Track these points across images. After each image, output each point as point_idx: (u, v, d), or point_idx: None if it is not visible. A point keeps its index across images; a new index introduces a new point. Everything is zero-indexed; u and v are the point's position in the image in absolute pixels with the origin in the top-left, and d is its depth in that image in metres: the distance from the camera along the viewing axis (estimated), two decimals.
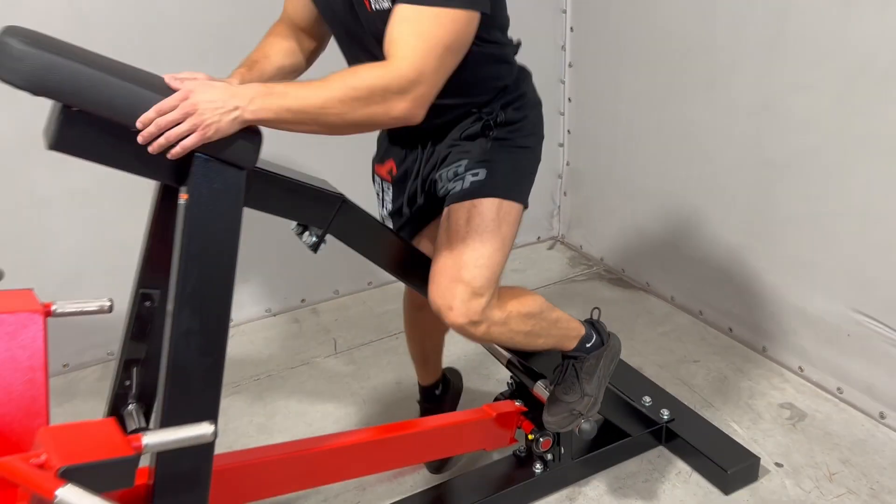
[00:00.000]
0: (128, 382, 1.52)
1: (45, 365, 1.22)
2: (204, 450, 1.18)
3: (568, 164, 3.16)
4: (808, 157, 2.16)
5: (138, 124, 1.13)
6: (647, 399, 2.08)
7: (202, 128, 1.14)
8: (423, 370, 2.01)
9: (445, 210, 1.49)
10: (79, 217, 2.40)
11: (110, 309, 1.37)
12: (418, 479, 1.97)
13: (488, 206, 1.45)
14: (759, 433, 2.09)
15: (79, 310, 1.33)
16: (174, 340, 1.16)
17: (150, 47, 2.28)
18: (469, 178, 1.48)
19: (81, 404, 2.36)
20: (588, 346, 1.67)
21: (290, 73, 1.57)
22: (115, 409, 1.52)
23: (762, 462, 1.96)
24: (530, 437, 1.78)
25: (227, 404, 1.91)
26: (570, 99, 3.07)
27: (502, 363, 1.90)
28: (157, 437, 0.96)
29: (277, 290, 2.79)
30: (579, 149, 3.11)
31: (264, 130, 1.23)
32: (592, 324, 1.72)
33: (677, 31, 2.49)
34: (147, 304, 1.46)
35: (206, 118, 1.14)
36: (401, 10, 1.25)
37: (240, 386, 2.41)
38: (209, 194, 1.18)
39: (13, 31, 1.07)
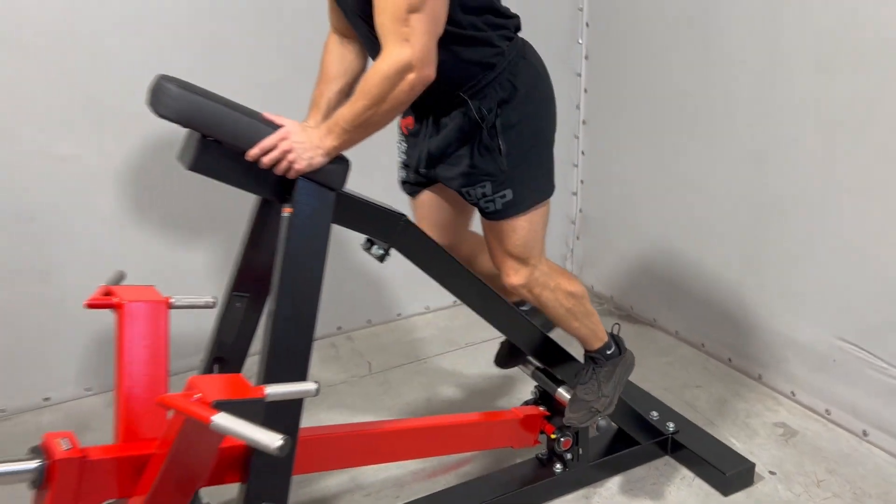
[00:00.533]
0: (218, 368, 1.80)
1: (167, 346, 1.50)
2: (294, 414, 1.44)
3: (580, 211, 3.47)
4: (794, 202, 2.46)
5: (248, 158, 1.45)
6: (655, 414, 2.33)
7: (297, 163, 1.47)
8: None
9: (486, 221, 1.79)
10: (145, 240, 2.69)
11: (214, 305, 1.66)
12: (450, 479, 2.20)
13: (521, 217, 1.76)
14: (755, 446, 2.33)
15: (191, 303, 1.62)
16: (276, 324, 1.44)
17: None
18: (499, 201, 1.73)
19: None
20: (608, 352, 1.95)
21: (352, 81, 1.80)
22: None
23: (757, 470, 2.20)
24: (553, 436, 2.04)
25: None
26: (583, 152, 3.40)
27: (528, 374, 2.17)
28: (276, 389, 1.23)
29: (317, 318, 3.06)
30: (591, 197, 3.42)
31: None
32: (613, 336, 2.00)
33: (680, 94, 2.82)
34: (237, 305, 1.74)
35: (300, 155, 1.46)
36: (377, 4, 1.45)
37: None
38: (308, 209, 1.48)
39: (168, 78, 1.40)
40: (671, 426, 2.28)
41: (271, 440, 1.09)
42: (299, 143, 1.46)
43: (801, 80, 2.37)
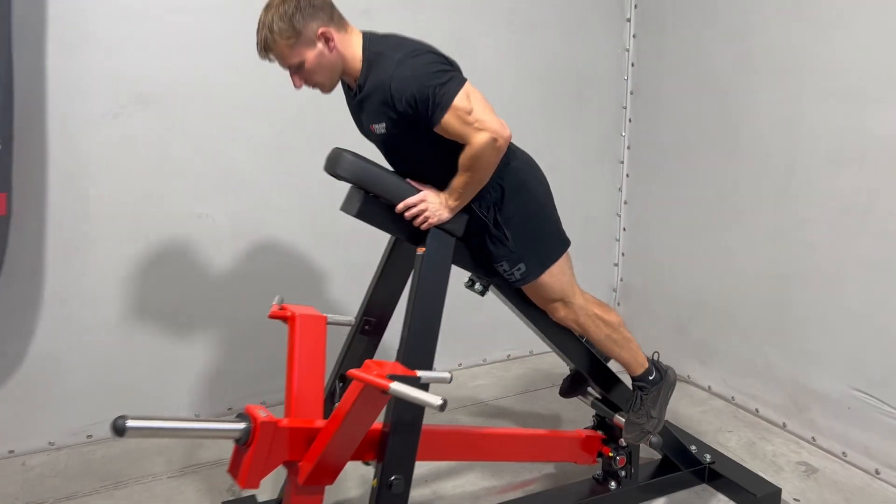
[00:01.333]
0: (340, 385, 2.23)
1: (324, 351, 1.96)
2: (418, 407, 1.87)
3: (622, 280, 3.92)
4: (812, 272, 2.90)
5: (396, 210, 1.95)
6: (693, 447, 2.71)
7: (431, 218, 1.97)
8: None
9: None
10: (252, 281, 3.17)
11: (352, 324, 2.13)
12: (518, 495, 2.58)
13: (540, 280, 2.18)
14: (781, 480, 2.69)
15: (338, 321, 2.08)
16: (411, 333, 1.89)
17: None
18: (517, 273, 2.17)
19: None
20: (651, 378, 2.35)
21: None
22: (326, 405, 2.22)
23: (783, 497, 2.55)
24: (610, 454, 2.43)
25: None
26: (624, 229, 3.88)
27: (587, 404, 2.57)
28: (425, 373, 1.66)
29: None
30: (631, 268, 3.88)
31: None
32: (653, 362, 2.41)
33: (710, 181, 3.32)
34: (366, 328, 2.20)
35: (433, 213, 1.96)
36: (441, 128, 1.87)
37: None
38: (435, 250, 1.96)
39: (343, 149, 1.91)
40: (708, 457, 2.66)
41: (435, 399, 1.53)
42: (433, 203, 1.96)
43: (814, 172, 2.85)
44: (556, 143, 3.64)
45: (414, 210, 1.95)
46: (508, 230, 2.11)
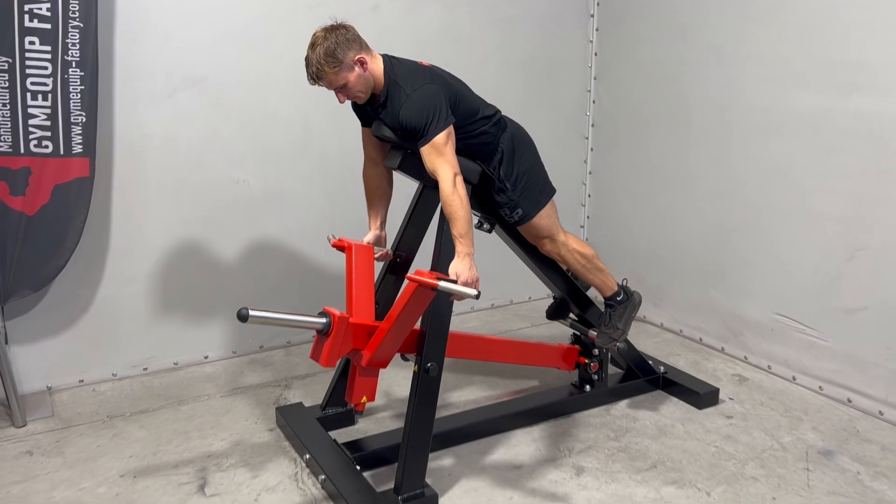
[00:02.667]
0: (377, 307, 2.81)
1: (373, 272, 2.55)
2: (446, 315, 2.47)
3: (587, 239, 4.58)
4: (746, 224, 3.58)
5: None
6: (651, 362, 3.37)
7: (472, 281, 2.33)
8: None
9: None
10: (282, 240, 3.73)
11: (390, 257, 2.72)
12: (511, 398, 3.21)
13: (532, 221, 2.78)
14: (720, 386, 3.37)
15: (379, 251, 2.67)
16: (441, 257, 2.48)
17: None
18: (516, 215, 2.77)
19: (277, 370, 3.58)
20: (618, 299, 2.99)
21: (385, 188, 2.75)
22: None
23: (720, 397, 3.23)
24: (585, 361, 3.08)
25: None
26: (589, 195, 4.53)
27: (566, 325, 3.21)
28: (459, 279, 2.26)
29: None
30: (595, 228, 4.54)
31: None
32: (621, 286, 3.04)
33: (662, 153, 3.98)
34: (398, 261, 2.79)
35: (469, 277, 2.32)
36: (423, 152, 2.36)
37: None
38: None
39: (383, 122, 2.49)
40: (662, 368, 3.33)
41: (472, 291, 2.13)
42: (460, 270, 2.31)
43: (747, 142, 3.53)
44: (531, 121, 4.16)
45: (461, 282, 2.26)
46: (508, 183, 2.71)
